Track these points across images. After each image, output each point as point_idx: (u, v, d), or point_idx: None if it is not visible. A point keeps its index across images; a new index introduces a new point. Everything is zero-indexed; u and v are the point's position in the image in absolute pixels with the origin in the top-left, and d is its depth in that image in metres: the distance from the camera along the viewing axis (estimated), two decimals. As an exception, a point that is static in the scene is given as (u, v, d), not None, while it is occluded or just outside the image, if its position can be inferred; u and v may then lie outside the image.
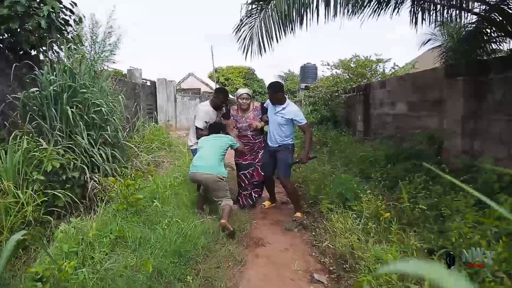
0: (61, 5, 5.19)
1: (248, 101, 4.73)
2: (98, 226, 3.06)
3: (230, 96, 5.35)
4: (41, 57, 5.15)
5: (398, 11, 5.26)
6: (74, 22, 5.63)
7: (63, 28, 5.32)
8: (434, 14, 5.70)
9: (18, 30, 4.83)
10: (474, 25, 6.69)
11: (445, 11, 5.21)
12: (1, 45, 4.72)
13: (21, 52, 5.04)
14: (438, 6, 5.51)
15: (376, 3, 4.93)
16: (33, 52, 5.21)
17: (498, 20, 5.11)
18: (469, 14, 5.85)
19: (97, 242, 2.84)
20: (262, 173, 4.86)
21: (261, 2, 5.28)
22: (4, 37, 4.74)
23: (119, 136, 5.05)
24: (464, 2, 4.87)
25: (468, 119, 4.62)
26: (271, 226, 4.28)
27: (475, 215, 2.98)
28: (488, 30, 6.63)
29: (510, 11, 4.80)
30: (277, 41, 5.08)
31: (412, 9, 5.86)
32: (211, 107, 4.69)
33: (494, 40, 6.71)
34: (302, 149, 6.14)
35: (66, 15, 5.43)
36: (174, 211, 3.78)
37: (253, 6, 5.25)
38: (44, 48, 5.05)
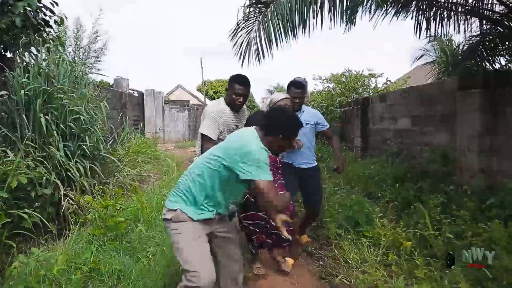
0: (40, 4, 4.71)
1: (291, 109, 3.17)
2: (67, 257, 2.52)
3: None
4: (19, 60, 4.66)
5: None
6: (55, 23, 5.14)
7: (42, 29, 4.82)
8: (440, 24, 5.42)
9: (-11, 28, 4.32)
10: (478, 38, 6.44)
11: (459, 18, 4.90)
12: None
13: (-6, 54, 4.53)
14: (446, 14, 5.23)
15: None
16: (9, 54, 4.70)
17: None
18: (471, 27, 5.60)
19: (64, 278, 2.30)
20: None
21: (259, 5, 4.89)
22: (-28, 35, 4.23)
23: (100, 148, 4.51)
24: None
25: (485, 135, 4.24)
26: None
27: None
28: (492, 44, 6.38)
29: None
30: (277, 46, 4.67)
31: (416, 18, 5.57)
32: (227, 106, 3.03)
33: (500, 52, 6.45)
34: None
35: (46, 15, 4.94)
36: (161, 236, 3.24)
37: (251, 9, 4.85)
38: (21, 49, 4.55)
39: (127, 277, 2.56)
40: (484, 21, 4.93)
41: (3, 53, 4.63)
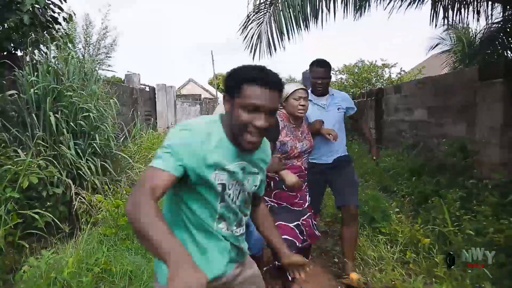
0: (48, 1, 4.68)
1: (308, 104, 2.51)
2: (78, 258, 2.49)
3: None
4: (28, 58, 4.65)
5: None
6: (64, 20, 5.11)
7: (50, 26, 4.80)
8: (458, 12, 5.22)
9: (-2, 26, 4.31)
10: (500, 25, 6.19)
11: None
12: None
13: (5, 52, 4.52)
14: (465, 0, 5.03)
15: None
16: (20, 53, 4.70)
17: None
18: (491, 14, 5.36)
19: (75, 281, 2.27)
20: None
21: (270, -4, 4.78)
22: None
23: (111, 145, 4.48)
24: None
25: (507, 126, 4.07)
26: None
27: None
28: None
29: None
30: (289, 39, 4.57)
31: (432, 6, 5.37)
32: None
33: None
34: None
35: (54, 12, 4.92)
36: (172, 235, 3.21)
37: (262, 1, 4.75)
38: (30, 47, 4.53)
39: (139, 278, 2.53)
40: (508, 7, 4.71)
41: (13, 51, 4.62)
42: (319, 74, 2.84)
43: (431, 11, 5.30)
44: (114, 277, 2.49)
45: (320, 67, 2.85)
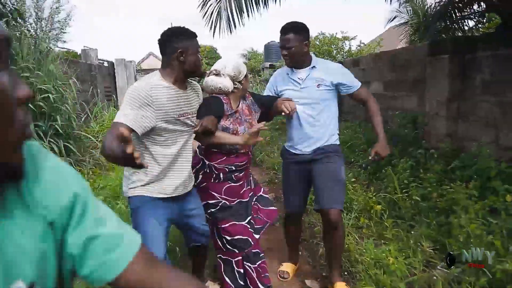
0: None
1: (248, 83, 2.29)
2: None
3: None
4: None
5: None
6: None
7: (-1, 1, 4.55)
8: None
9: None
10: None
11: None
12: None
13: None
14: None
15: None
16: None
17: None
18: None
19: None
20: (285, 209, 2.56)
21: (230, -28, 4.76)
22: None
23: (73, 126, 4.44)
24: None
25: (453, 100, 4.40)
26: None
27: (475, 208, 2.74)
28: (462, 5, 6.43)
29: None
30: (249, 16, 4.62)
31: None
32: (169, 83, 1.83)
33: (469, 16, 6.54)
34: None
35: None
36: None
37: (221, -23, 4.72)
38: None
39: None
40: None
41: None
42: (283, 43, 2.23)
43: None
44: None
45: (284, 33, 2.23)
